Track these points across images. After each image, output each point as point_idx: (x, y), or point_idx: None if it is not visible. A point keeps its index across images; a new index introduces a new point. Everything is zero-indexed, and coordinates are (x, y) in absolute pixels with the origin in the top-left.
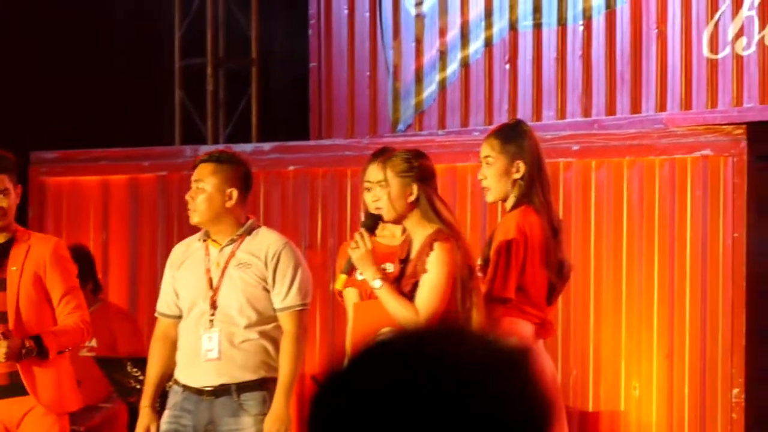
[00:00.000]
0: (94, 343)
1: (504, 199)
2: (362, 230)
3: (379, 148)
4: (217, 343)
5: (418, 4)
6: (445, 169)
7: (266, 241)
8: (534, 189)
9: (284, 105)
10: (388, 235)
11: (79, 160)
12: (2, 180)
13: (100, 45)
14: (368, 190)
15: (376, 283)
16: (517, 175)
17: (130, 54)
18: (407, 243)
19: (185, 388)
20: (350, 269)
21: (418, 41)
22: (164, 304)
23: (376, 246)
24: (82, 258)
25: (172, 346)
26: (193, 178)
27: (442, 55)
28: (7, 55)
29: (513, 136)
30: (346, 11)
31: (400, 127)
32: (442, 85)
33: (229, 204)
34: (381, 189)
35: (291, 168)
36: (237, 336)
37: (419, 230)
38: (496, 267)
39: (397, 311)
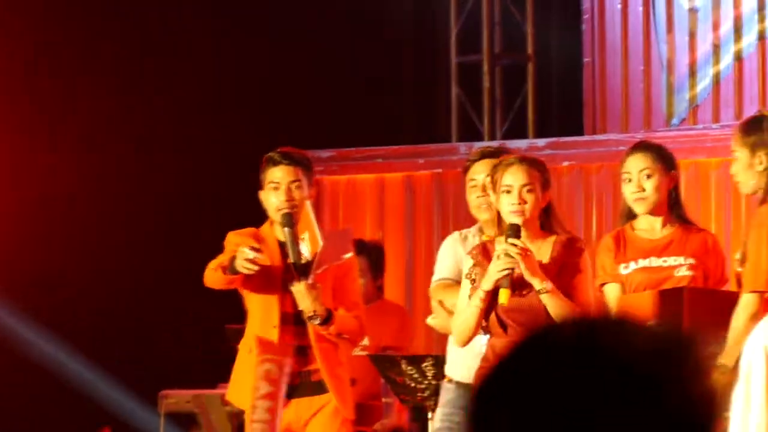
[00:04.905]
0: (366, 341)
1: (756, 192)
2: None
3: (638, 141)
4: None
5: None
6: (720, 163)
7: None
8: None
9: (558, 100)
10: (648, 228)
11: (355, 158)
12: (296, 172)
13: (376, 44)
14: (629, 181)
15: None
16: (760, 167)
17: (406, 52)
18: None
19: (458, 384)
20: (510, 283)
21: (692, 35)
22: (449, 271)
23: (639, 241)
24: (377, 254)
25: None
26: (470, 177)
27: (716, 48)
28: (284, 55)
29: (753, 128)
30: (619, 6)
31: (674, 121)
32: (716, 79)
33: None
34: (647, 180)
35: (565, 164)
36: None
37: None
38: (753, 261)
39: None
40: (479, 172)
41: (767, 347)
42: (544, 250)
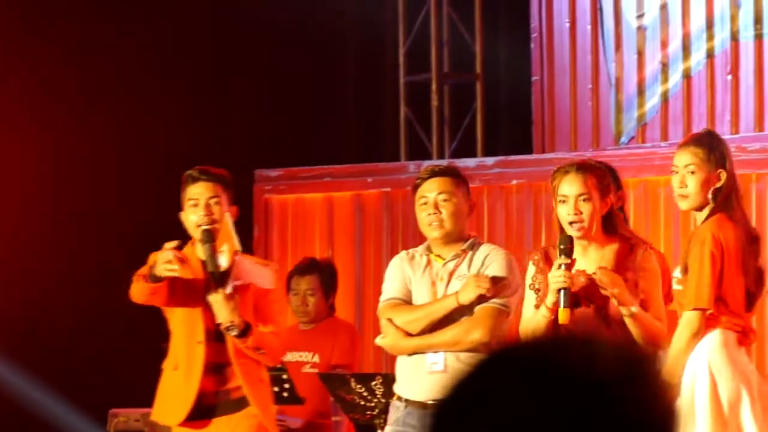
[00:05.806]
0: (317, 358)
1: (699, 209)
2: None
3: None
4: (443, 356)
5: (640, 16)
6: (669, 181)
7: (485, 252)
8: (731, 197)
9: (507, 119)
10: None
11: (303, 177)
12: (215, 188)
13: (324, 63)
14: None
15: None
16: (719, 184)
17: (354, 71)
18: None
19: (408, 402)
20: (569, 301)
21: (640, 53)
22: (398, 290)
23: None
24: (329, 272)
25: None
26: (444, 190)
27: (664, 67)
28: (231, 75)
29: (716, 145)
30: (567, 24)
31: (623, 139)
32: (665, 97)
33: (467, 218)
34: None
35: (514, 182)
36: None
37: None
38: (694, 278)
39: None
40: (429, 191)
41: (711, 361)
42: (606, 256)
